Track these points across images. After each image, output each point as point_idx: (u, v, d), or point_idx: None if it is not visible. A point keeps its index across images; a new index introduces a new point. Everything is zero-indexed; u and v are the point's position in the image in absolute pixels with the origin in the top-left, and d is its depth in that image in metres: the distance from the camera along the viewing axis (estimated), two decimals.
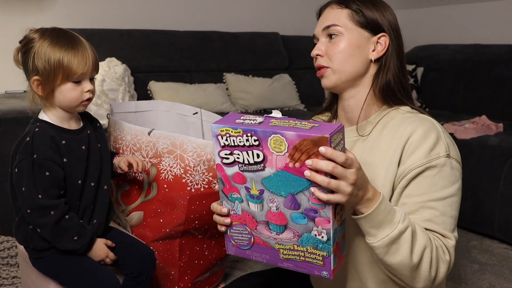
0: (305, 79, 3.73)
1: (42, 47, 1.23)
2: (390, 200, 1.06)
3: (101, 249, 1.35)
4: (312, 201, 0.87)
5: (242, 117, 0.90)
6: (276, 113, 0.90)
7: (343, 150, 0.86)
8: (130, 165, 1.47)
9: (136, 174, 1.61)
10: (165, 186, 1.60)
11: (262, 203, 0.91)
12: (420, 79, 3.64)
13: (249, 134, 0.86)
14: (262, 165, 0.87)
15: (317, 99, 3.70)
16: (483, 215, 2.51)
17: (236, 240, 0.99)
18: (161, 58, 3.25)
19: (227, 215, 0.99)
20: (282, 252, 0.94)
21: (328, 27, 1.12)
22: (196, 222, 1.64)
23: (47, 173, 1.23)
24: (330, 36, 1.13)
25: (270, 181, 0.88)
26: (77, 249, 1.30)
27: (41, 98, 1.28)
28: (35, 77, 1.24)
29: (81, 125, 1.36)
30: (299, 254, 0.93)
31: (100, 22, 3.23)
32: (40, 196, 1.23)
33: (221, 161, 0.92)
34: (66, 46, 1.24)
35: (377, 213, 0.92)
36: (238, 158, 0.89)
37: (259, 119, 0.88)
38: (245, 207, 0.94)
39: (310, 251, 0.91)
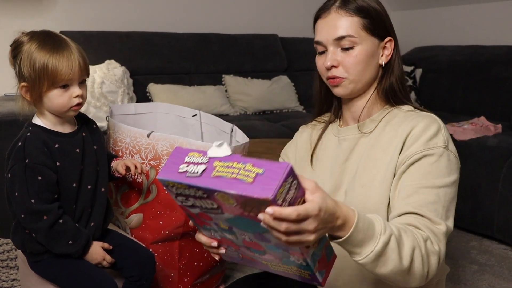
0: (304, 81, 3.73)
1: (28, 52, 1.21)
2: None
3: (97, 252, 1.34)
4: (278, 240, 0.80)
5: (186, 159, 0.82)
6: (219, 149, 0.80)
7: (297, 191, 0.76)
8: (128, 169, 1.46)
9: (136, 177, 1.61)
10: (165, 188, 1.60)
11: (235, 234, 0.86)
12: (419, 80, 3.64)
13: (194, 189, 0.79)
14: (220, 210, 0.80)
15: None
16: (482, 215, 2.51)
17: (228, 253, 0.96)
18: (160, 60, 3.26)
19: (218, 246, 0.94)
20: (271, 266, 0.93)
21: (342, 37, 1.09)
22: None
23: (39, 178, 1.23)
24: (343, 46, 1.10)
25: (234, 221, 0.82)
26: (73, 253, 1.29)
27: (30, 103, 1.27)
28: (23, 84, 1.24)
29: (76, 127, 1.35)
30: (286, 269, 0.91)
31: (99, 24, 3.23)
32: (33, 200, 1.22)
33: (182, 204, 0.87)
34: (51, 51, 1.21)
35: (356, 233, 0.87)
36: (195, 203, 0.83)
37: (202, 165, 0.79)
38: (222, 235, 0.90)
39: (295, 269, 0.89)
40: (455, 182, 1.06)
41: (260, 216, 0.75)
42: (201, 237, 0.94)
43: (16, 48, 1.24)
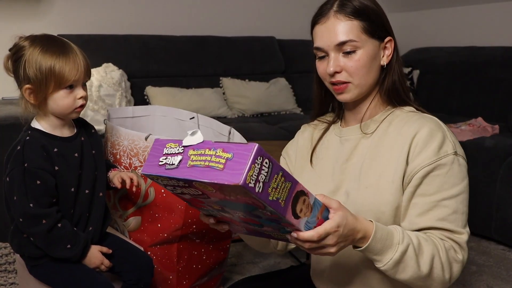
0: (302, 83, 3.74)
1: (33, 55, 1.21)
2: (402, 200, 1.07)
3: (95, 256, 1.33)
4: (267, 216, 0.82)
5: (165, 150, 0.84)
6: (193, 138, 0.82)
7: (271, 169, 0.76)
8: (123, 182, 1.44)
9: (133, 189, 1.57)
10: (163, 191, 1.60)
11: (230, 213, 0.88)
12: (416, 81, 3.65)
13: (175, 180, 0.81)
14: (205, 196, 0.82)
15: None
16: (480, 216, 2.52)
17: (233, 228, 0.99)
18: (158, 63, 3.26)
19: (219, 222, 0.97)
20: (273, 235, 0.94)
21: (344, 43, 1.07)
22: (194, 226, 1.64)
23: (38, 182, 1.23)
24: (345, 50, 1.08)
25: (222, 203, 0.84)
26: (71, 257, 1.29)
27: (34, 106, 1.26)
28: (27, 86, 1.23)
29: (75, 132, 1.35)
30: (287, 237, 0.92)
31: (96, 28, 3.23)
32: (31, 204, 1.22)
33: (173, 192, 0.89)
34: (57, 53, 1.22)
35: (374, 244, 0.95)
36: (183, 191, 0.86)
37: (178, 156, 0.81)
38: (220, 214, 0.92)
39: None
40: (467, 184, 1.10)
41: (288, 236, 0.87)
42: (203, 217, 1.00)
43: (17, 52, 1.24)
